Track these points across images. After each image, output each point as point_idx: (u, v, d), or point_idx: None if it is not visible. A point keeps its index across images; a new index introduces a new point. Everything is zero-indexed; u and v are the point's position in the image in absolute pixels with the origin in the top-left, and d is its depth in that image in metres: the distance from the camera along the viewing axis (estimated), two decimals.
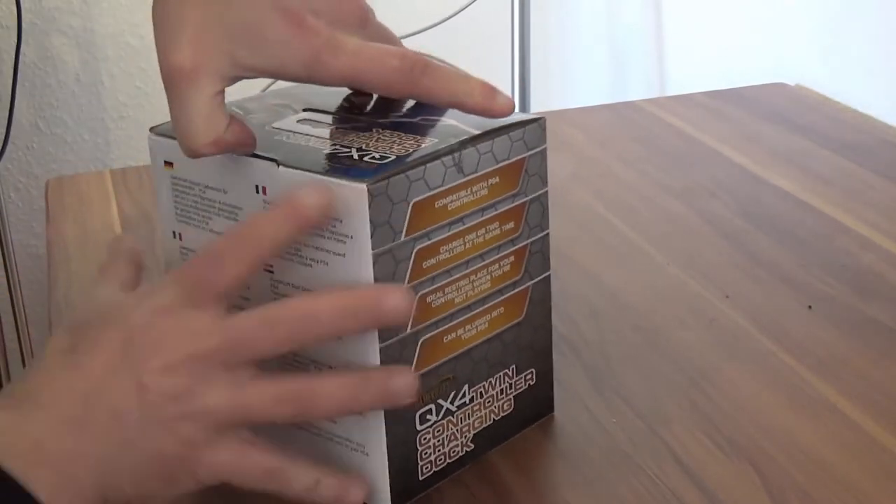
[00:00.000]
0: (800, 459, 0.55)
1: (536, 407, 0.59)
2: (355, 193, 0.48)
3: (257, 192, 0.51)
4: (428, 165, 0.50)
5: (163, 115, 0.50)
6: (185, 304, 0.48)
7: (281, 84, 0.55)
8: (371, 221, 0.48)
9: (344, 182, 0.48)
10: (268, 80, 0.51)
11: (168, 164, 0.55)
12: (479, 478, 0.54)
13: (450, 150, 0.51)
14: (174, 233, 0.56)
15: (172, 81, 0.49)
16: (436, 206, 0.50)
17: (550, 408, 0.60)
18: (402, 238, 0.49)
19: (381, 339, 0.49)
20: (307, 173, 0.49)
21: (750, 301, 0.70)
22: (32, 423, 0.46)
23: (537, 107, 1.58)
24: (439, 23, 1.55)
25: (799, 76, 1.16)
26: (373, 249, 0.48)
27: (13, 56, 1.62)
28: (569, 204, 0.86)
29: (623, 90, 1.65)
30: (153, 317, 0.48)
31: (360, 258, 0.49)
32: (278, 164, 0.50)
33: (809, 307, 0.69)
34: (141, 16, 1.74)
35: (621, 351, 0.65)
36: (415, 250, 0.50)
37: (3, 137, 1.64)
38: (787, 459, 0.55)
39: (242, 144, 0.51)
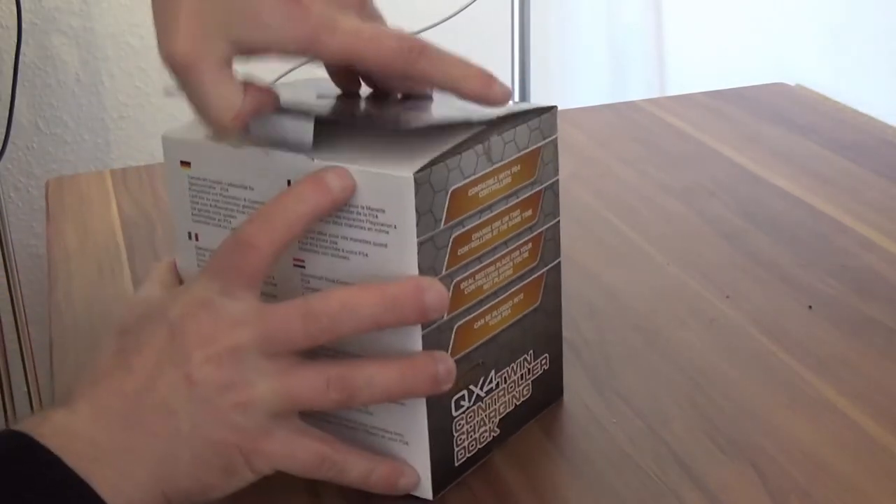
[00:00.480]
0: (800, 459, 0.55)
1: (549, 392, 0.60)
2: (400, 183, 0.48)
3: (289, 185, 0.51)
4: (463, 154, 0.50)
5: (163, 114, 0.50)
6: (221, 294, 0.49)
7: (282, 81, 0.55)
8: (416, 210, 0.48)
9: (388, 172, 0.48)
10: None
11: (185, 164, 0.54)
12: (479, 478, 0.54)
13: (480, 139, 0.51)
14: (189, 234, 0.56)
15: (175, 72, 0.49)
16: (469, 193, 0.51)
17: (560, 393, 0.60)
18: (442, 226, 0.50)
19: (423, 325, 0.50)
20: (345, 165, 0.49)
21: (750, 301, 0.70)
22: (87, 423, 0.47)
23: None
24: (439, 23, 1.55)
25: (799, 76, 1.16)
26: (417, 238, 0.49)
27: (13, 56, 1.62)
28: (569, 204, 0.86)
29: (623, 90, 1.65)
30: (191, 310, 0.49)
31: (404, 247, 0.49)
32: (312, 158, 0.50)
33: (809, 307, 0.69)
34: (141, 16, 1.74)
35: (621, 351, 0.65)
36: (452, 238, 0.51)
37: (3, 137, 1.64)
38: (787, 459, 0.55)
39: (264, 106, 0.51)
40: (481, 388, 0.54)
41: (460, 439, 0.53)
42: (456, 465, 0.54)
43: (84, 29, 1.74)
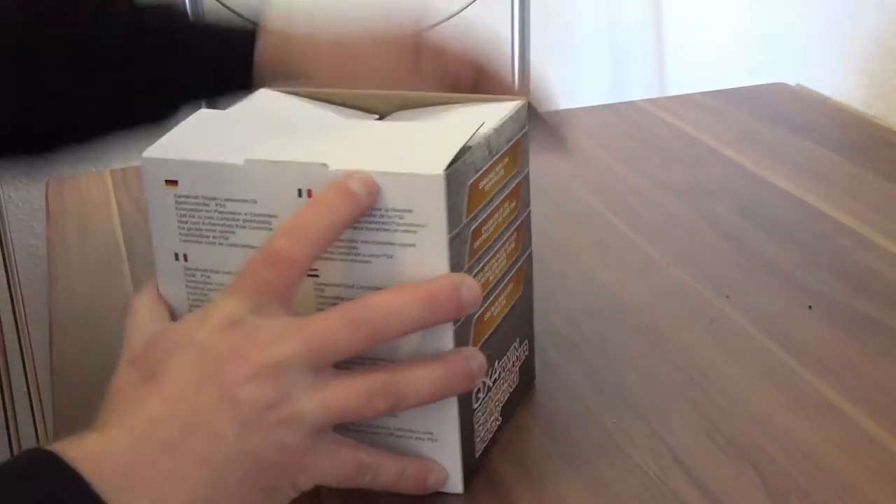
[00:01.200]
0: (800, 459, 0.55)
1: (529, 376, 0.61)
2: (432, 182, 0.48)
3: (300, 195, 0.49)
4: (474, 147, 0.50)
5: None
6: (252, 312, 0.47)
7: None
8: (447, 207, 0.48)
9: (418, 171, 0.48)
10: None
11: (170, 182, 0.52)
12: (479, 477, 0.54)
13: (482, 133, 0.52)
14: (177, 255, 0.53)
15: None
16: (479, 187, 0.51)
17: (534, 376, 0.62)
18: (464, 221, 0.50)
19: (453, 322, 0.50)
20: (366, 169, 0.49)
21: (750, 301, 0.70)
22: (123, 449, 0.45)
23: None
24: (439, 23, 1.55)
25: (799, 76, 1.16)
26: (448, 234, 0.48)
27: None
28: (569, 204, 0.86)
29: (623, 90, 1.65)
30: (222, 332, 0.47)
31: (435, 246, 0.48)
32: (327, 165, 0.49)
33: (809, 307, 0.69)
34: None
35: (621, 351, 0.65)
36: (470, 231, 0.51)
37: None
38: (787, 459, 0.55)
39: None
40: (490, 379, 0.55)
41: (479, 430, 0.54)
42: (477, 455, 0.54)
43: None
